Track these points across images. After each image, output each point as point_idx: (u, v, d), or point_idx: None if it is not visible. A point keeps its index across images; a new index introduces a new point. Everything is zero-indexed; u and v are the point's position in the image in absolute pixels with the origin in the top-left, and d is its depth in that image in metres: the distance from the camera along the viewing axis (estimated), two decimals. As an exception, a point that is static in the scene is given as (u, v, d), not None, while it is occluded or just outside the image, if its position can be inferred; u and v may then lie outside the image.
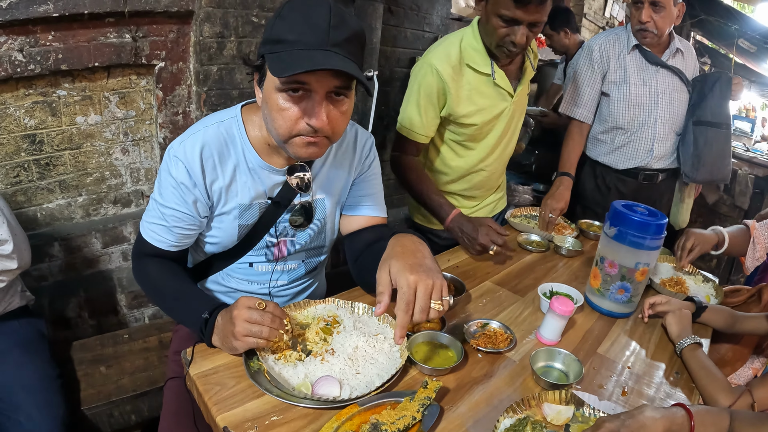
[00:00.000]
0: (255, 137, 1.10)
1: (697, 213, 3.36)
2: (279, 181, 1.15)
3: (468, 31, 1.62)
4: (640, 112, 2.10)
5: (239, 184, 1.12)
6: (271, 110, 0.97)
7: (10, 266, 1.31)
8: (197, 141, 1.05)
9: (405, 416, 0.82)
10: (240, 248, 1.21)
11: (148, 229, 1.12)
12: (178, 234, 1.11)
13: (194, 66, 1.99)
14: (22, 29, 1.57)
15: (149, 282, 1.14)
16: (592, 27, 5.01)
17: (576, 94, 2.16)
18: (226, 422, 0.85)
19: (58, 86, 1.76)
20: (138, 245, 1.15)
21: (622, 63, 2.08)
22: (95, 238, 1.98)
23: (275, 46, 0.93)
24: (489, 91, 1.65)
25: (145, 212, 1.13)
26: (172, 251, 1.14)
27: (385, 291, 0.97)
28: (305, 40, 0.90)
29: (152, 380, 1.56)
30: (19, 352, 1.36)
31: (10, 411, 1.25)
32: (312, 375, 0.95)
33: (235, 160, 1.10)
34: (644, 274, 1.32)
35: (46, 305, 1.86)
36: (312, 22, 0.91)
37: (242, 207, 1.14)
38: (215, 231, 1.17)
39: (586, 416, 0.94)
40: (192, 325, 1.04)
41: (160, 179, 1.09)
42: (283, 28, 0.92)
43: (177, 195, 1.07)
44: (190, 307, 1.06)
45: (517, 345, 1.17)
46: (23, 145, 1.76)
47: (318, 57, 0.89)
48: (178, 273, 1.15)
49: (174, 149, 1.06)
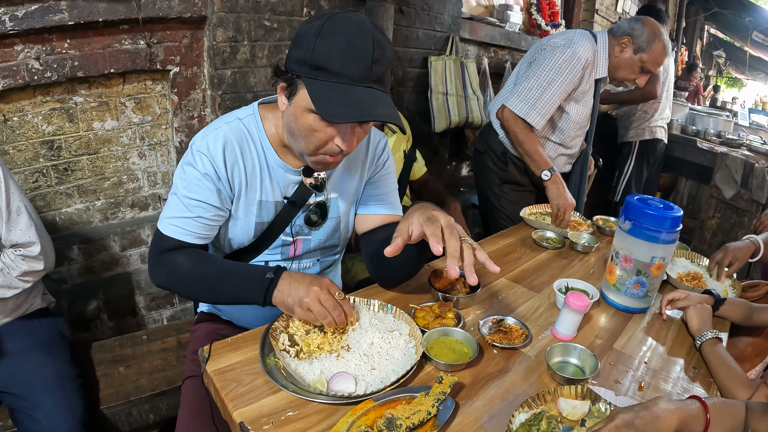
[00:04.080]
0: (272, 135, 1.13)
1: (714, 208, 3.31)
2: (294, 180, 1.17)
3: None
4: (581, 134, 2.18)
5: (258, 180, 1.14)
6: (301, 128, 0.99)
7: (37, 267, 1.35)
8: (219, 136, 1.08)
9: (420, 411, 0.82)
10: (256, 246, 1.23)
11: (169, 225, 1.10)
12: (203, 224, 1.10)
13: (208, 70, 2.02)
14: (39, 38, 1.60)
15: (180, 270, 1.10)
16: (604, 23, 4.95)
17: (540, 99, 1.96)
18: (242, 418, 0.85)
19: (74, 93, 1.80)
20: (157, 244, 1.12)
21: (589, 83, 2.05)
22: (113, 241, 2.01)
23: (316, 71, 0.93)
24: None
25: (163, 211, 1.12)
26: (197, 244, 1.12)
27: (399, 236, 1.00)
28: (348, 73, 0.92)
29: (170, 380, 1.57)
30: (39, 351, 1.39)
31: (30, 409, 1.28)
32: (327, 371, 0.96)
33: (255, 156, 1.12)
34: (660, 269, 1.31)
35: (66, 307, 1.90)
36: (356, 53, 0.92)
37: (259, 203, 1.16)
38: (233, 228, 1.18)
39: (602, 411, 0.93)
40: (251, 291, 1.04)
41: (183, 173, 1.09)
42: (325, 53, 0.92)
43: (203, 186, 1.08)
44: (247, 275, 1.06)
45: (533, 341, 1.17)
46: (42, 151, 1.80)
47: (364, 99, 0.92)
48: (211, 255, 1.14)
49: (197, 144, 1.08)
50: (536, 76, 1.96)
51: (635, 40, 1.95)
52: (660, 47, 1.93)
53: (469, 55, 3.41)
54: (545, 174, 1.95)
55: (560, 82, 1.94)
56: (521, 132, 2.01)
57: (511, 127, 2.02)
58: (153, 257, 1.13)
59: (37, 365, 1.35)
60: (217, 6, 1.88)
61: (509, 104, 2.02)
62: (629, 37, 1.95)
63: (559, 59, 1.94)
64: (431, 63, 2.95)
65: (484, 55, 3.54)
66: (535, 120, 1.98)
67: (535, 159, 2.01)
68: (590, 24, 4.69)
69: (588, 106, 2.10)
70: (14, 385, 1.30)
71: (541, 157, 2.00)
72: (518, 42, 3.78)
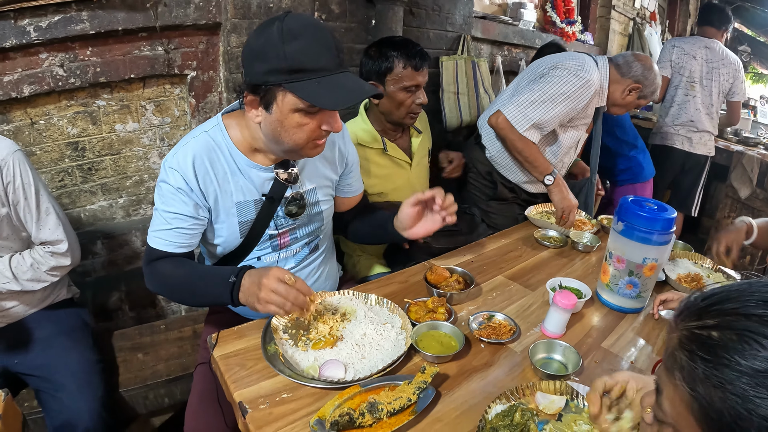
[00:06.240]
0: (238, 141, 1.21)
1: (730, 207, 3.26)
2: (268, 177, 1.25)
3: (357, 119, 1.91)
4: (569, 156, 2.19)
5: (231, 184, 1.22)
6: (288, 128, 1.08)
7: (64, 263, 1.45)
8: (188, 151, 1.16)
9: (401, 398, 0.89)
10: (246, 246, 1.31)
11: (154, 238, 1.21)
12: (182, 234, 1.20)
13: (224, 74, 2.10)
14: (62, 46, 1.70)
15: (167, 280, 1.21)
16: (622, 19, 4.86)
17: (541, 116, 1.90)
18: (242, 398, 0.94)
19: (97, 97, 1.90)
20: (146, 255, 1.24)
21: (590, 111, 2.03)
22: (135, 236, 2.11)
23: (295, 74, 1.01)
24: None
25: (150, 225, 1.22)
26: (180, 253, 1.22)
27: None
28: (325, 65, 1.02)
29: (184, 367, 1.67)
30: (64, 338, 1.49)
31: (54, 390, 1.38)
32: (321, 359, 1.04)
33: (225, 163, 1.20)
34: (653, 270, 1.33)
35: (90, 298, 2.01)
36: (323, 46, 1.02)
37: (239, 205, 1.24)
38: (219, 232, 1.27)
39: (579, 407, 0.96)
40: (221, 294, 1.11)
41: (160, 190, 1.19)
42: (297, 55, 1.00)
43: (177, 199, 1.17)
44: (216, 280, 1.13)
45: (521, 337, 1.21)
46: (67, 152, 1.91)
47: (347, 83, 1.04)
48: (191, 262, 1.24)
49: (168, 161, 1.17)
50: (542, 92, 1.89)
51: (645, 89, 1.99)
52: (656, 94, 2.02)
53: (482, 54, 3.42)
54: (548, 179, 1.95)
55: (565, 106, 1.90)
56: (519, 139, 1.94)
57: (507, 134, 1.94)
58: (144, 267, 1.24)
59: (62, 351, 1.45)
60: (231, 13, 1.96)
61: (506, 111, 1.93)
62: (640, 85, 1.97)
63: (573, 85, 1.88)
64: (442, 63, 2.98)
65: (498, 53, 3.55)
66: (529, 135, 1.94)
67: (536, 165, 1.97)
68: (607, 20, 4.61)
69: (579, 131, 2.08)
70: (40, 368, 1.40)
71: (542, 162, 1.97)
72: (532, 40, 3.77)
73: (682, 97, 3.19)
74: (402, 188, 1.94)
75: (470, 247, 1.73)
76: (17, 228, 1.39)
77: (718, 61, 3.08)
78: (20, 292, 1.41)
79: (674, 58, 3.21)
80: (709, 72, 3.11)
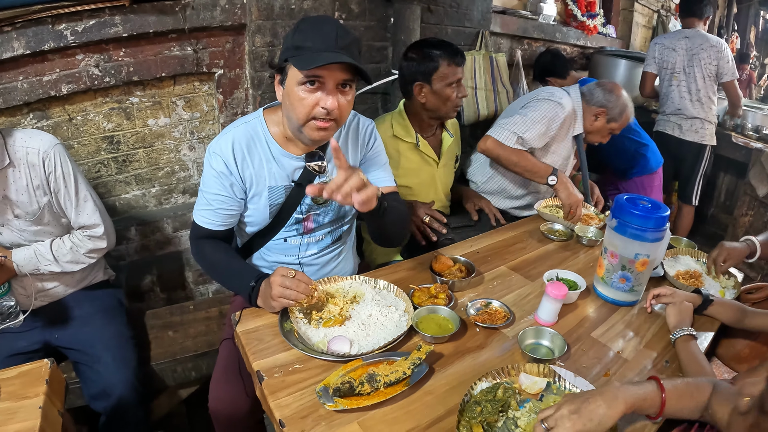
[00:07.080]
0: (275, 132, 1.37)
1: (748, 205, 3.25)
2: (298, 165, 1.39)
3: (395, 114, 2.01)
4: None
5: (266, 170, 1.36)
6: (292, 101, 1.23)
7: (101, 245, 1.57)
8: (229, 138, 1.33)
9: (397, 371, 1.00)
10: (273, 226, 1.45)
11: (198, 215, 1.38)
12: (223, 214, 1.37)
13: (249, 72, 2.22)
14: (97, 48, 1.84)
15: (206, 260, 1.41)
16: (645, 11, 4.78)
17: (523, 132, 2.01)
18: (259, 367, 1.08)
19: (130, 94, 2.04)
20: (193, 230, 1.42)
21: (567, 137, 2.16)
22: (166, 223, 2.25)
23: (296, 51, 1.19)
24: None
25: (195, 203, 1.40)
26: (221, 230, 1.39)
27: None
28: (319, 46, 1.17)
29: (211, 343, 1.81)
30: (101, 315, 1.62)
31: (91, 362, 1.51)
32: (330, 335, 1.17)
33: (261, 150, 1.35)
34: (645, 265, 1.38)
35: (124, 280, 2.14)
36: (323, 33, 1.18)
37: (270, 189, 1.38)
38: (251, 212, 1.41)
39: (561, 390, 1.04)
40: (242, 291, 1.31)
41: (204, 174, 1.36)
42: (301, 38, 1.18)
43: (218, 182, 1.33)
44: (241, 277, 1.32)
45: (515, 323, 1.31)
46: (103, 145, 2.06)
47: (331, 56, 1.15)
48: (228, 251, 1.41)
49: (212, 147, 1.34)
50: (523, 115, 2.04)
51: (610, 112, 2.11)
52: (627, 114, 2.12)
53: (501, 48, 3.45)
54: (551, 179, 2.01)
55: (543, 125, 2.03)
56: (512, 153, 2.00)
57: (499, 152, 2.01)
58: (191, 241, 1.44)
59: (99, 327, 1.57)
60: (255, 15, 2.08)
61: (494, 134, 2.03)
62: (605, 109, 2.10)
63: (548, 105, 2.05)
64: (460, 58, 3.03)
65: (518, 47, 3.56)
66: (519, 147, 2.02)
67: (535, 171, 2.03)
68: (630, 13, 4.56)
69: (561, 156, 2.18)
70: (79, 342, 1.53)
71: (541, 167, 2.03)
72: (553, 34, 3.77)
73: (668, 87, 3.30)
74: (427, 184, 2.06)
75: (478, 239, 1.82)
76: (57, 215, 1.50)
77: (698, 46, 3.13)
78: (60, 273, 1.53)
79: (657, 54, 3.31)
80: (690, 60, 3.17)
